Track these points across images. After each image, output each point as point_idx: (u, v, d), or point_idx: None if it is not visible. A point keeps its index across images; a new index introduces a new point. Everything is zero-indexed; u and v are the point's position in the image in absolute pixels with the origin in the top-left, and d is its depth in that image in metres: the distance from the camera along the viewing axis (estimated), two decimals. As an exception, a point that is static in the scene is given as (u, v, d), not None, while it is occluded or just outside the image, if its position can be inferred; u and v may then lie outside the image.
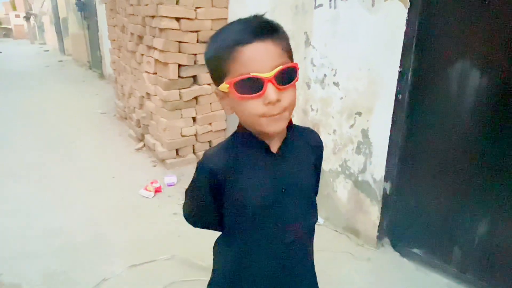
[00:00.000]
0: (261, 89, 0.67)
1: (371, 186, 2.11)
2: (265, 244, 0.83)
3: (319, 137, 0.93)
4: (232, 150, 0.80)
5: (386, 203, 2.09)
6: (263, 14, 0.74)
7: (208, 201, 0.82)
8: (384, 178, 2.04)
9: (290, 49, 0.74)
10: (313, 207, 0.91)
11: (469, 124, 1.75)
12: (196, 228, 0.96)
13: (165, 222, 2.50)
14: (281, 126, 0.73)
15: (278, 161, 0.80)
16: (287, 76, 0.69)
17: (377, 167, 2.07)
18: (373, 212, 2.13)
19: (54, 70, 9.52)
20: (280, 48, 0.69)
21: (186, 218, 0.94)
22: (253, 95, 0.68)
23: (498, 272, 1.77)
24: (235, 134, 0.83)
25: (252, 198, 0.79)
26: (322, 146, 0.93)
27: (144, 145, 3.79)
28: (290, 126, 0.80)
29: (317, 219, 0.94)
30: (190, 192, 0.89)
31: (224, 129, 3.52)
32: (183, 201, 0.94)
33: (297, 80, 0.72)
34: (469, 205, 1.82)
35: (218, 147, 0.83)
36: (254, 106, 0.69)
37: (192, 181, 0.86)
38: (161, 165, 3.38)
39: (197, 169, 0.83)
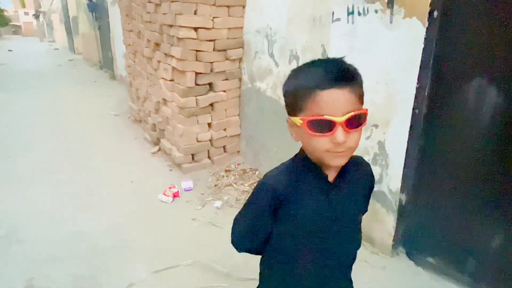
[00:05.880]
0: (332, 130, 0.74)
1: (387, 196, 2.17)
2: (309, 267, 0.90)
3: (371, 167, 1.01)
4: (292, 174, 0.87)
5: (402, 213, 2.15)
6: (343, 57, 0.81)
7: (266, 219, 0.88)
8: (400, 189, 2.10)
9: (363, 93, 0.80)
10: (359, 234, 0.98)
11: (485, 139, 1.80)
12: (215, 235, 1.02)
13: (185, 228, 2.58)
14: (343, 161, 0.80)
15: (333, 190, 0.86)
16: (356, 121, 0.76)
17: (393, 179, 2.13)
18: (389, 222, 2.19)
19: (66, 69, 9.65)
20: (355, 95, 0.76)
21: (238, 243, 0.98)
22: (324, 134, 0.75)
23: (512, 283, 1.83)
24: (296, 159, 0.89)
25: (304, 222, 0.86)
26: (374, 177, 1.02)
27: (160, 149, 3.87)
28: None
29: (360, 244, 1.00)
30: (248, 213, 0.93)
31: (238, 135, 3.59)
32: (233, 227, 0.98)
33: (364, 125, 0.79)
34: (484, 217, 1.88)
35: (280, 169, 0.89)
36: (322, 143, 0.76)
37: (250, 201, 0.92)
38: (177, 170, 3.47)
39: (258, 188, 0.89)
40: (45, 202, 2.90)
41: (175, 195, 2.97)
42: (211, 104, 3.34)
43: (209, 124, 3.42)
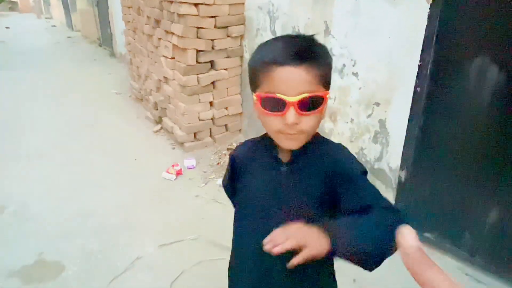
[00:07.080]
0: (283, 110, 0.70)
1: (386, 174, 2.21)
2: (250, 251, 0.85)
3: (344, 152, 0.81)
4: (251, 148, 0.91)
5: (401, 190, 2.20)
6: (312, 35, 0.76)
7: (227, 180, 0.97)
8: (400, 166, 2.14)
9: (327, 74, 0.74)
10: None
11: (484, 118, 1.82)
12: (218, 211, 1.08)
13: (188, 204, 2.65)
14: (295, 145, 0.75)
15: (284, 170, 0.81)
16: (311, 103, 0.70)
17: (393, 156, 2.16)
18: (388, 198, 2.23)
19: (64, 47, 9.51)
20: (312, 75, 0.70)
21: (222, 181, 1.05)
22: (275, 113, 0.72)
23: (506, 256, 1.89)
24: (263, 135, 0.87)
25: (250, 198, 0.86)
26: (343, 161, 0.79)
27: (162, 127, 3.90)
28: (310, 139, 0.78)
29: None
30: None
31: (240, 113, 3.60)
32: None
33: (322, 108, 0.73)
34: (480, 193, 1.92)
35: (247, 143, 0.95)
36: (273, 122, 0.73)
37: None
38: (179, 148, 3.50)
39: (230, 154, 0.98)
40: (52, 181, 2.95)
41: (179, 173, 3.02)
42: (213, 83, 3.33)
43: (211, 103, 3.43)
